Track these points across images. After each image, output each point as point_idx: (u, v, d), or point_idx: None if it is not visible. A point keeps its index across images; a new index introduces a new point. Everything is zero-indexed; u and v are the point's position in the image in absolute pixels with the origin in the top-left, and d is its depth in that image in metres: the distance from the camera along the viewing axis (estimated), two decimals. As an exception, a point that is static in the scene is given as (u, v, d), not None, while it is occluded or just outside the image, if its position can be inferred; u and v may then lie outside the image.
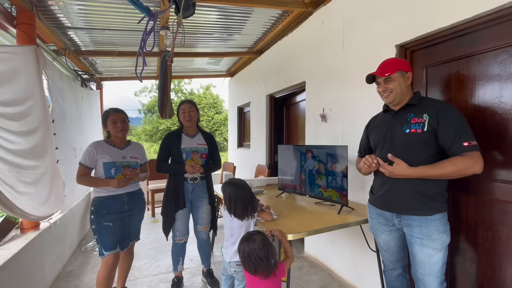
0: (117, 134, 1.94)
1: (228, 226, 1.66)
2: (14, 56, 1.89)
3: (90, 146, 1.89)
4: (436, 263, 1.32)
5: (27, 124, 1.89)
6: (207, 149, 2.27)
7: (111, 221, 1.87)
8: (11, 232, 2.07)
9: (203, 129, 2.40)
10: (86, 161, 1.87)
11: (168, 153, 2.23)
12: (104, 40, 3.34)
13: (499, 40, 1.37)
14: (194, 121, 2.26)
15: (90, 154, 1.86)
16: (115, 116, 1.93)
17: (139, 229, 2.12)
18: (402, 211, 1.39)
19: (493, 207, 1.41)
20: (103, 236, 1.85)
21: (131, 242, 2.05)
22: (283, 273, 1.39)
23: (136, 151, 2.05)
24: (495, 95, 1.40)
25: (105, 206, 1.87)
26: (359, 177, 2.18)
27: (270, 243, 1.35)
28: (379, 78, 1.45)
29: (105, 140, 1.99)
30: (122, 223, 1.93)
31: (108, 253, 1.85)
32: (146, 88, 19.25)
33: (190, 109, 2.24)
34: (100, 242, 1.85)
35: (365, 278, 2.17)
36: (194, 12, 2.16)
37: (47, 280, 2.29)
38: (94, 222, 1.85)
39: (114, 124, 1.92)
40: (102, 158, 1.87)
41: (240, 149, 5.35)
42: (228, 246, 1.66)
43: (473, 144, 1.23)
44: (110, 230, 1.86)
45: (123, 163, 1.93)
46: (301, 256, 2.95)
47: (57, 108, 2.27)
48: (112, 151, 1.92)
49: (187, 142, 2.23)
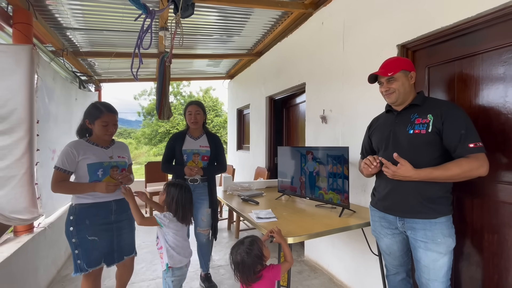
0: (104, 137, 1.70)
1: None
2: (4, 55, 1.86)
3: (68, 147, 1.59)
4: (441, 268, 1.27)
5: (1, 125, 1.83)
6: (210, 152, 2.26)
7: (96, 235, 1.61)
8: (4, 235, 2.02)
9: (209, 131, 2.39)
10: (64, 165, 1.57)
11: (172, 154, 2.24)
12: (102, 41, 3.32)
13: (503, 38, 1.34)
14: (199, 123, 2.27)
15: (70, 156, 1.57)
16: (108, 118, 1.66)
17: (134, 243, 1.84)
18: (405, 214, 1.35)
19: (499, 210, 1.37)
20: (87, 252, 1.59)
21: (126, 257, 1.79)
22: (276, 275, 1.33)
23: (122, 150, 1.81)
24: (500, 95, 1.37)
25: (88, 216, 1.60)
26: (360, 179, 2.14)
27: (252, 250, 1.29)
28: (382, 78, 1.41)
29: (85, 139, 1.70)
30: (109, 235, 1.67)
31: (92, 269, 1.61)
32: (145, 91, 19.22)
33: (197, 112, 2.24)
34: (83, 258, 1.58)
35: (367, 283, 2.12)
36: (193, 12, 2.14)
37: (41, 284, 2.23)
38: (74, 235, 1.57)
39: (105, 127, 1.66)
40: (85, 159, 1.60)
41: (239, 151, 5.32)
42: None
43: (479, 146, 1.20)
44: (95, 245, 1.61)
45: (111, 163, 1.68)
46: (301, 260, 2.90)
47: (41, 108, 2.21)
48: (96, 151, 1.66)
49: (190, 144, 2.23)
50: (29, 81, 1.94)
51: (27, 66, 1.93)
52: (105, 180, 1.65)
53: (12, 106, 1.88)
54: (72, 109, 3.11)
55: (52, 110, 2.50)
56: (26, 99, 1.93)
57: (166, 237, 1.63)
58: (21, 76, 1.91)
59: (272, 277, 1.33)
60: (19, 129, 1.90)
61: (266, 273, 1.31)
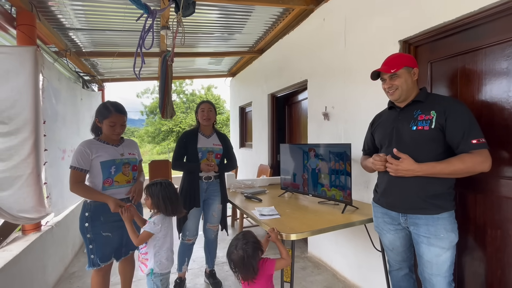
0: (111, 136, 1.76)
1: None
2: (9, 57, 1.88)
3: (81, 146, 1.67)
4: (444, 263, 1.28)
5: (8, 126, 1.85)
6: (222, 150, 2.30)
7: (110, 231, 1.69)
8: (12, 234, 2.06)
9: (218, 130, 2.43)
10: (80, 163, 1.64)
11: (184, 152, 2.24)
12: (105, 41, 3.34)
13: (506, 33, 1.33)
14: (211, 120, 2.30)
15: (84, 155, 1.65)
16: (116, 118, 1.72)
17: None
18: (408, 210, 1.35)
19: (502, 205, 1.37)
20: (100, 247, 1.68)
21: (130, 251, 1.88)
22: (269, 268, 1.35)
23: (132, 148, 1.88)
24: (503, 90, 1.36)
25: (103, 213, 1.67)
26: (363, 176, 2.15)
27: (248, 239, 1.34)
28: (385, 75, 1.41)
29: (96, 138, 1.77)
30: (120, 232, 1.75)
31: (104, 264, 1.71)
32: (148, 90, 19.28)
33: (209, 109, 2.28)
34: (96, 253, 1.67)
35: (370, 278, 2.13)
36: (194, 11, 2.14)
37: (49, 282, 2.27)
38: (89, 231, 1.65)
39: (112, 128, 1.72)
40: (98, 157, 1.68)
41: (242, 149, 5.33)
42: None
43: (481, 142, 1.20)
44: (108, 241, 1.70)
45: (123, 160, 1.76)
46: (305, 256, 2.92)
47: (49, 109, 2.24)
48: (108, 149, 1.73)
49: (204, 142, 2.25)
50: (34, 82, 1.97)
51: (32, 68, 1.95)
52: (117, 177, 1.73)
53: (18, 107, 1.91)
54: (79, 109, 3.13)
55: (59, 110, 2.53)
56: (31, 100, 1.95)
57: (156, 242, 1.60)
58: (26, 77, 1.93)
59: (267, 270, 1.34)
60: (24, 130, 1.92)
61: (261, 266, 1.33)
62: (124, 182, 1.77)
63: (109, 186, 1.71)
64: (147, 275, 1.63)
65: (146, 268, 1.62)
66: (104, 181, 1.70)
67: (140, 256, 1.65)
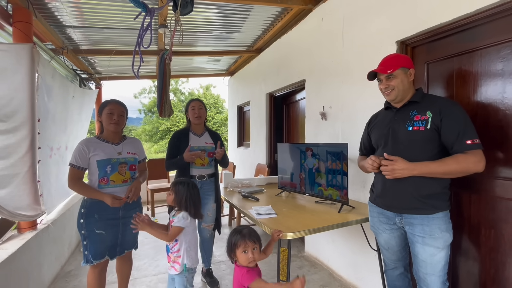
0: (109, 127, 1.75)
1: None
2: (5, 54, 1.87)
3: (80, 144, 1.71)
4: (438, 262, 1.29)
5: (6, 124, 1.84)
6: (214, 148, 2.29)
7: (104, 229, 1.70)
8: (8, 232, 2.05)
9: (210, 128, 2.42)
10: (77, 161, 1.67)
11: (176, 152, 2.22)
12: (102, 39, 3.32)
13: (502, 34, 1.34)
14: (202, 118, 2.29)
15: (81, 153, 1.68)
16: (113, 106, 1.75)
17: (136, 238, 1.92)
18: (403, 210, 1.37)
19: (496, 205, 1.39)
20: (93, 244, 1.68)
21: (126, 251, 1.87)
22: (245, 280, 1.31)
23: (133, 146, 1.87)
24: (498, 91, 1.37)
25: (98, 210, 1.69)
26: (359, 175, 2.16)
27: (248, 227, 1.39)
28: (381, 75, 1.42)
29: (97, 136, 1.80)
30: (115, 231, 1.76)
31: (97, 262, 1.70)
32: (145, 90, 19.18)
33: (200, 107, 2.27)
34: (89, 249, 1.68)
35: (366, 277, 2.15)
36: (192, 9, 2.13)
37: (45, 280, 2.27)
38: (84, 228, 1.67)
39: (110, 115, 1.73)
40: (95, 155, 1.69)
41: (240, 148, 5.33)
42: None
43: (476, 142, 1.21)
44: (102, 239, 1.70)
45: (119, 160, 1.76)
46: (301, 255, 2.93)
47: (42, 107, 2.22)
48: (106, 147, 1.74)
49: (195, 141, 2.25)
50: (31, 80, 1.95)
51: (28, 65, 1.94)
52: (113, 177, 1.74)
53: (16, 105, 1.89)
54: (69, 106, 3.07)
55: (50, 108, 2.49)
56: (28, 98, 1.94)
57: (186, 237, 1.61)
58: (22, 75, 1.92)
59: (243, 280, 1.29)
60: (22, 128, 1.91)
61: (244, 271, 1.30)
62: (120, 181, 1.76)
63: (105, 185, 1.72)
64: (180, 273, 1.61)
65: (179, 266, 1.61)
66: (100, 179, 1.72)
67: (172, 255, 1.63)
